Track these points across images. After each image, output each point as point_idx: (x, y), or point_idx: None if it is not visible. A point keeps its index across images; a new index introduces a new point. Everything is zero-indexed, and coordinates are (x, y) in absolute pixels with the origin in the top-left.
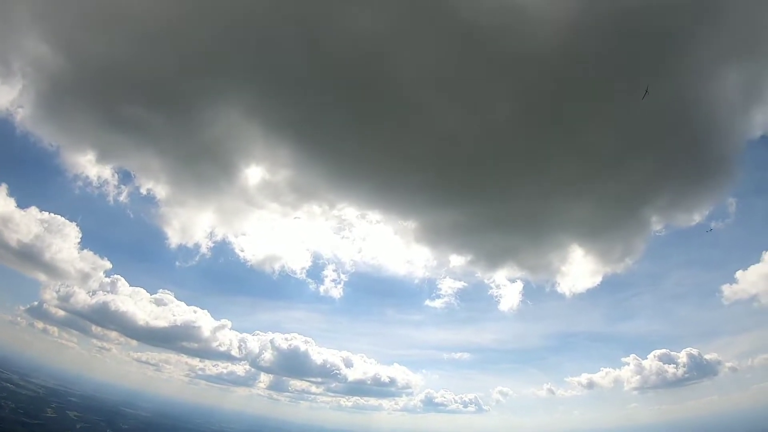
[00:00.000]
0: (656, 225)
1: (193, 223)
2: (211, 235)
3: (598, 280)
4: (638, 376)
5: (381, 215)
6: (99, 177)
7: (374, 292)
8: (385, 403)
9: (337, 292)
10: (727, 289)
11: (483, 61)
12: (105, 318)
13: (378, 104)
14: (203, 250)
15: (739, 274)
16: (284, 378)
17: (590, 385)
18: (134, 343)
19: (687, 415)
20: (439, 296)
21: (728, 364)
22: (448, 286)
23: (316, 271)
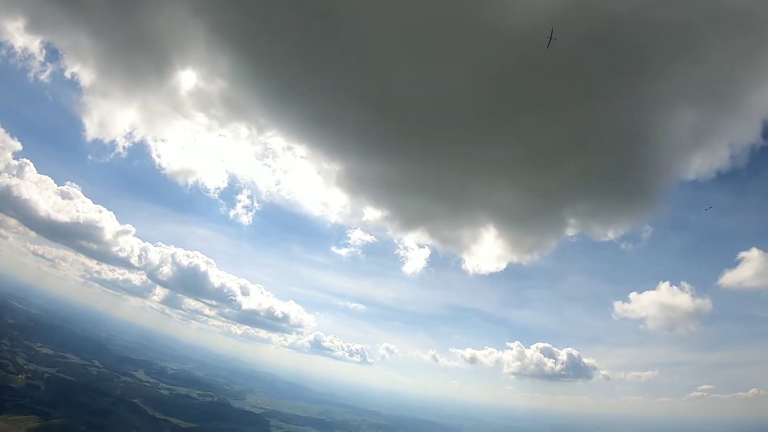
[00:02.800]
0: (571, 229)
1: (113, 119)
2: (131, 135)
3: (503, 265)
4: (519, 363)
5: (307, 151)
6: (25, 49)
7: (284, 227)
8: (274, 337)
9: (247, 219)
10: (619, 305)
11: (452, 27)
12: (6, 203)
13: (334, 37)
14: (119, 148)
15: (633, 295)
16: (179, 295)
17: (473, 360)
18: (33, 234)
19: (556, 408)
20: (347, 245)
21: (603, 372)
22: (358, 237)
23: (230, 193)
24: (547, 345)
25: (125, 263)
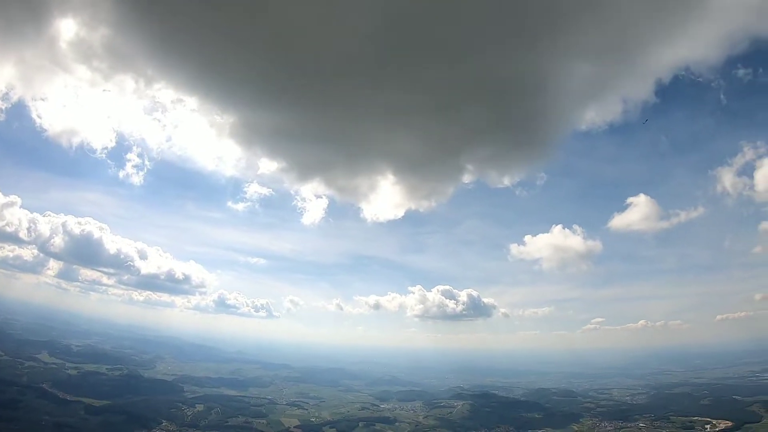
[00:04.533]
0: (469, 176)
1: None
2: (7, 95)
3: (401, 213)
4: (422, 305)
5: (199, 103)
6: None
7: (178, 184)
8: (177, 300)
9: (138, 179)
10: (514, 248)
11: None
12: None
13: None
14: None
15: (528, 238)
16: (75, 266)
17: (377, 306)
18: None
19: (459, 345)
20: (243, 199)
21: (502, 310)
22: (255, 190)
23: (119, 152)
24: (447, 287)
25: (13, 238)
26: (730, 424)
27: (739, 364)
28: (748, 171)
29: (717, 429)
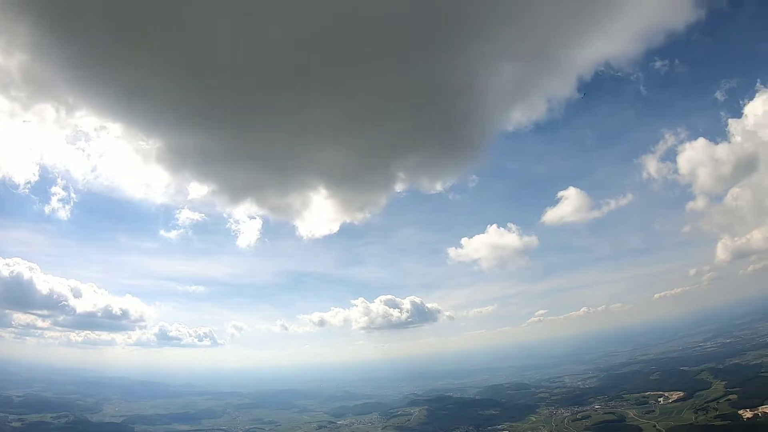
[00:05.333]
0: (401, 184)
1: None
2: None
3: (336, 227)
4: (366, 317)
5: (123, 129)
6: None
7: (107, 216)
8: (118, 337)
9: (65, 213)
10: (452, 251)
11: None
12: None
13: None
14: None
15: (464, 240)
16: (6, 311)
17: (321, 323)
18: None
19: (409, 353)
20: (176, 226)
21: (447, 313)
22: (186, 216)
23: (43, 186)
24: (390, 297)
25: None
26: (682, 394)
27: (681, 336)
28: (671, 156)
29: (670, 400)
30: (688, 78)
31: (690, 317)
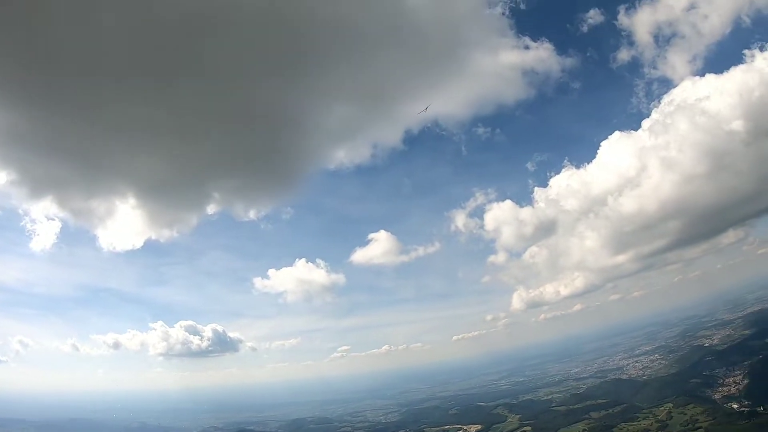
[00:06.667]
0: (214, 206)
1: None
2: None
3: (140, 242)
4: (165, 343)
5: None
6: None
7: None
8: None
9: None
10: (258, 281)
11: None
12: None
13: None
14: None
15: (272, 271)
16: None
17: (116, 345)
18: None
19: (210, 383)
20: None
21: (249, 344)
22: None
23: None
24: (191, 323)
25: None
26: (480, 426)
27: (478, 375)
28: (479, 213)
29: None
30: (506, 147)
31: (486, 358)
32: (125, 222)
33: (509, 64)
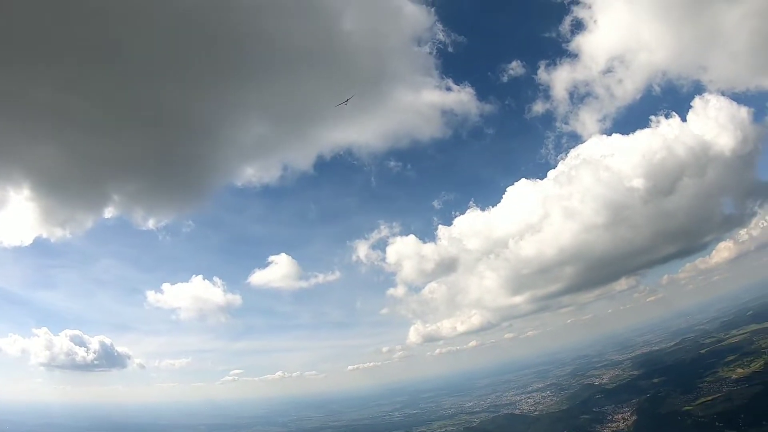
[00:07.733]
0: (113, 209)
1: None
2: None
3: (29, 239)
4: (48, 352)
5: None
6: None
7: None
8: None
9: None
10: (151, 294)
11: None
12: None
13: None
14: None
15: (166, 286)
16: None
17: None
18: None
19: (94, 400)
20: None
21: (137, 360)
22: None
23: None
24: (77, 332)
25: None
26: None
27: (372, 406)
28: (381, 246)
29: None
30: (415, 183)
31: (380, 389)
32: (16, 215)
33: (430, 103)
